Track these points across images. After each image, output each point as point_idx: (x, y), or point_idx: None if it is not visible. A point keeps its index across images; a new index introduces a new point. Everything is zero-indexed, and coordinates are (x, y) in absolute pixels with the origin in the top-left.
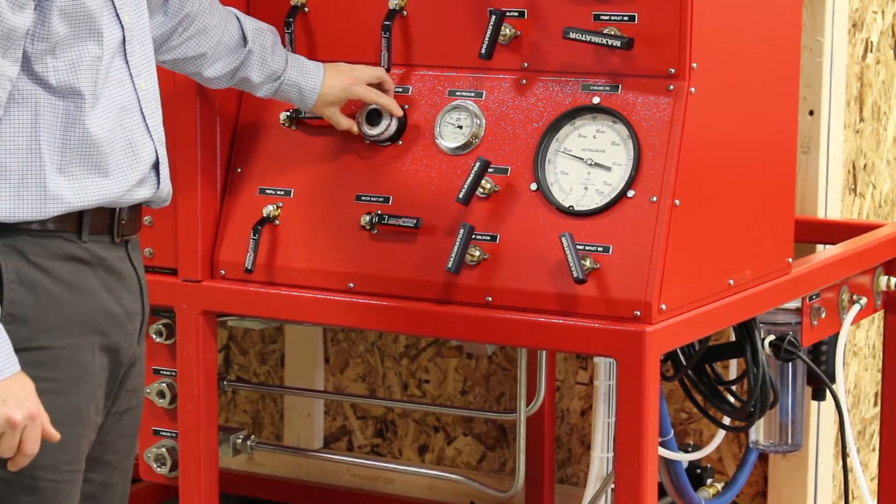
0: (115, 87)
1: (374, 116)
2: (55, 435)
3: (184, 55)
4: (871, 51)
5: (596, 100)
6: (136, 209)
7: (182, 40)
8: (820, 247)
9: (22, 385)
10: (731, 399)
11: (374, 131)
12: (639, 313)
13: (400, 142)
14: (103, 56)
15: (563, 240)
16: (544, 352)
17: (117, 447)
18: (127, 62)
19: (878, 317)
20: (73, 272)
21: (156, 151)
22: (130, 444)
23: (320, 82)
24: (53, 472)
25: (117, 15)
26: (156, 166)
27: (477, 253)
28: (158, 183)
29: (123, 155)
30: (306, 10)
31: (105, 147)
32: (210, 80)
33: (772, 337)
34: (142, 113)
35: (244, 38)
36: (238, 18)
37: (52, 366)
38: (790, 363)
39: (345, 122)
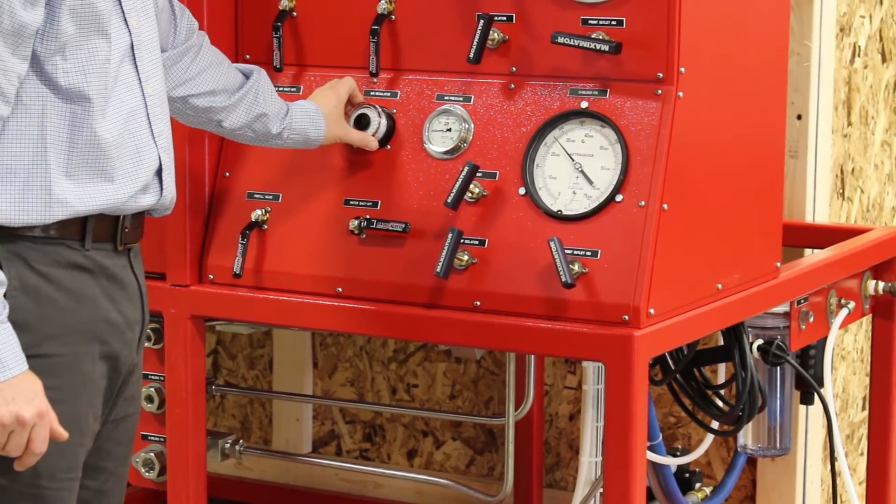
0: (124, 92)
1: (362, 120)
2: (63, 434)
3: (196, 90)
4: (859, 55)
5: (584, 104)
6: (139, 217)
7: (192, 74)
8: (808, 251)
9: (31, 383)
10: (720, 403)
11: None
12: (627, 317)
13: (388, 146)
14: (112, 59)
15: (552, 244)
16: (533, 356)
17: (114, 454)
18: (136, 67)
19: (867, 321)
20: (75, 280)
21: (159, 158)
22: (126, 451)
23: (316, 106)
24: (52, 479)
25: (125, 19)
26: (159, 173)
27: (465, 257)
28: (161, 190)
29: (130, 160)
30: (295, 14)
31: (112, 151)
32: (225, 108)
33: (760, 341)
34: (148, 118)
35: (245, 75)
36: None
37: (53, 373)
38: (778, 367)
39: (360, 136)
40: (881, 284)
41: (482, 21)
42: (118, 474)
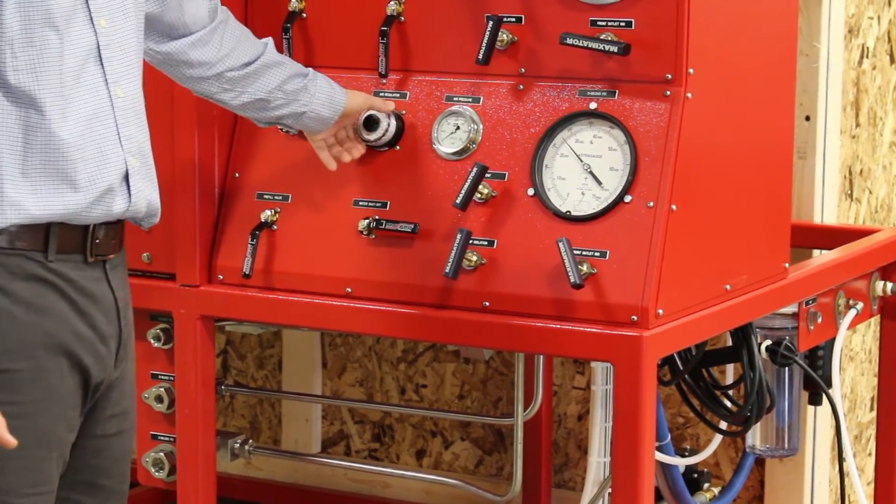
0: (86, 92)
1: (372, 122)
2: (11, 441)
3: (233, 64)
4: (867, 56)
5: (593, 105)
6: (114, 227)
7: (227, 49)
8: (816, 252)
9: None
10: (728, 403)
11: (372, 136)
12: (636, 318)
13: (398, 147)
14: (67, 57)
15: (560, 245)
16: (541, 356)
17: (112, 471)
18: (102, 67)
19: (875, 322)
20: (35, 293)
21: (125, 162)
22: (126, 467)
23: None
24: (16, 496)
25: (91, 18)
26: (126, 178)
27: (474, 258)
28: (130, 196)
29: (93, 163)
30: (304, 15)
31: (73, 154)
32: (256, 72)
33: (768, 342)
34: (115, 121)
35: (264, 43)
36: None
37: (13, 388)
38: (787, 368)
39: (382, 100)
40: (889, 285)
41: (491, 22)
42: (120, 491)
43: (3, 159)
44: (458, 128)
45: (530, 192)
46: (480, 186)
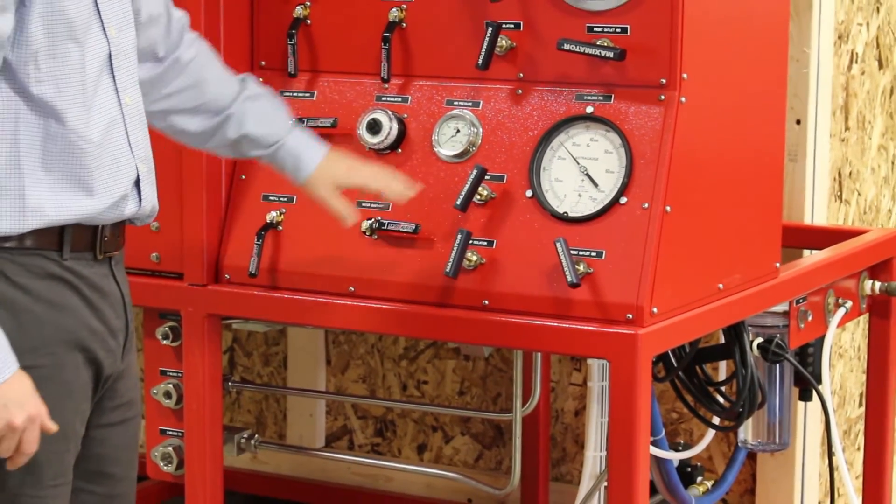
0: (102, 101)
1: (374, 125)
2: (52, 427)
3: (176, 106)
4: (857, 61)
5: (589, 109)
6: (119, 225)
7: (175, 89)
8: (807, 252)
9: (21, 384)
10: (721, 399)
11: (375, 140)
12: (631, 316)
13: (399, 150)
14: (87, 68)
15: (558, 245)
16: (539, 353)
17: (121, 459)
18: (113, 77)
19: (863, 320)
20: (54, 291)
21: (136, 168)
22: (133, 455)
23: (322, 153)
24: (38, 488)
25: (104, 29)
26: (137, 183)
27: (474, 258)
28: (140, 200)
29: (108, 171)
30: (308, 22)
31: (91, 161)
32: (191, 134)
33: (760, 339)
34: (125, 129)
35: (240, 83)
36: (242, 81)
37: (36, 385)
38: (778, 365)
39: (344, 205)
40: (877, 284)
41: (490, 28)
42: (129, 478)
43: (24, 167)
44: (458, 131)
45: (528, 193)
46: (480, 188)
